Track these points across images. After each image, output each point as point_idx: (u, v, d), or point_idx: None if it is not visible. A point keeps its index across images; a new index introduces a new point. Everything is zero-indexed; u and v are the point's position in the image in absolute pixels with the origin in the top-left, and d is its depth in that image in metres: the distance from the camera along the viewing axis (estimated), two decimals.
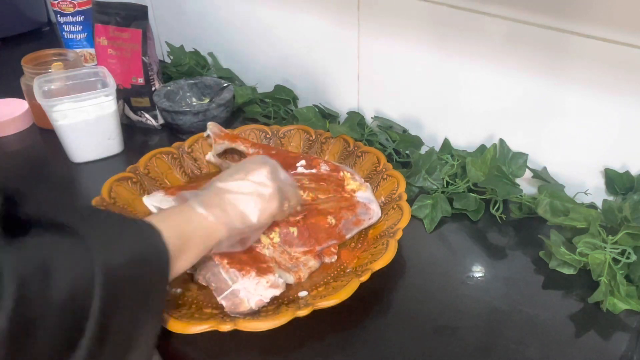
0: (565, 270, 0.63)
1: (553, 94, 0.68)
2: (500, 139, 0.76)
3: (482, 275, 0.64)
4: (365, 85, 0.89)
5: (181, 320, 0.52)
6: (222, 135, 0.81)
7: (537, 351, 0.54)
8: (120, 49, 0.92)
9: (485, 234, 0.71)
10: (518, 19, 0.66)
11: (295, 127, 0.86)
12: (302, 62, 0.96)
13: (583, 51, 0.63)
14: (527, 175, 0.75)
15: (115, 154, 0.90)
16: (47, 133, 0.93)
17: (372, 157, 0.77)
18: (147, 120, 0.97)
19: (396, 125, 0.87)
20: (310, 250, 0.63)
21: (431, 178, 0.77)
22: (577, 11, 0.61)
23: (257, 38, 1.01)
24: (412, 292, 0.62)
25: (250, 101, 1.00)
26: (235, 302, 0.54)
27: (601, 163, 0.69)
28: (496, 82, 0.72)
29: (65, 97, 0.82)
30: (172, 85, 0.97)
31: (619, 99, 0.63)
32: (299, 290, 0.59)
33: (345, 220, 0.66)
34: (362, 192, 0.70)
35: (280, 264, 0.60)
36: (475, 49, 0.72)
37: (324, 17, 0.87)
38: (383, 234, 0.65)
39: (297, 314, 0.52)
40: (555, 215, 0.67)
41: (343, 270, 0.62)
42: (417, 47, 0.78)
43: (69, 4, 1.06)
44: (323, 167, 0.74)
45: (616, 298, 0.58)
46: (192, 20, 1.12)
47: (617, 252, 0.60)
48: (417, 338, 0.56)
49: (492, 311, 0.59)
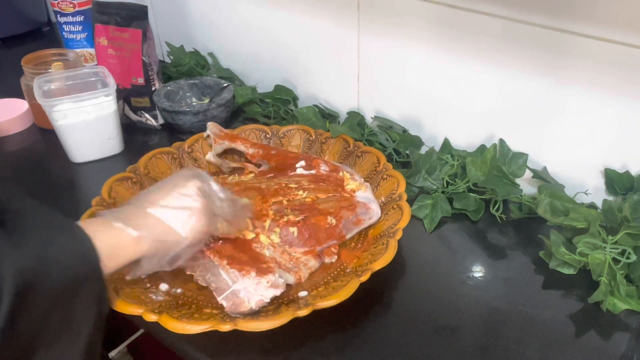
0: (565, 270, 0.63)
1: (553, 94, 0.68)
2: (500, 139, 0.76)
3: (482, 275, 0.64)
4: (365, 85, 0.89)
5: (181, 320, 0.52)
6: (222, 136, 0.81)
7: (537, 351, 0.54)
8: (120, 49, 0.92)
9: (485, 234, 0.71)
10: (518, 19, 0.66)
11: (295, 127, 0.86)
12: (302, 62, 0.96)
13: (583, 51, 0.63)
14: (527, 175, 0.75)
15: (115, 154, 0.90)
16: (47, 133, 0.93)
17: (372, 157, 0.77)
18: (147, 120, 0.97)
19: (396, 125, 0.87)
20: (310, 250, 0.63)
21: (431, 178, 0.77)
22: (577, 11, 0.61)
23: (257, 38, 1.01)
24: (412, 292, 0.62)
25: (250, 101, 1.00)
26: (236, 302, 0.54)
27: (601, 163, 0.69)
28: (496, 82, 0.72)
29: (65, 97, 0.82)
30: (172, 85, 0.97)
31: (619, 99, 0.63)
32: (299, 290, 0.59)
33: (346, 220, 0.66)
34: (362, 192, 0.70)
35: (280, 264, 0.60)
36: (475, 49, 0.72)
37: (324, 17, 0.87)
38: (383, 234, 0.65)
39: (297, 314, 0.52)
40: (555, 215, 0.67)
41: (343, 270, 0.62)
42: (417, 47, 0.78)
43: (69, 4, 1.06)
44: (323, 167, 0.74)
45: (616, 298, 0.58)
46: (192, 20, 1.12)
47: (617, 252, 0.60)
48: (417, 338, 0.56)
49: (492, 311, 0.59)
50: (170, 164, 0.79)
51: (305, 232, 0.63)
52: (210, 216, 0.54)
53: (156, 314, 0.52)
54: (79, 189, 0.85)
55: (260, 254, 0.60)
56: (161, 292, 0.59)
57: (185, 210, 0.51)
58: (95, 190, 0.69)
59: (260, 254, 0.60)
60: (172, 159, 0.79)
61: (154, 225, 0.49)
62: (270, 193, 0.68)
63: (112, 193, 0.69)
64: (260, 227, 0.63)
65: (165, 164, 0.78)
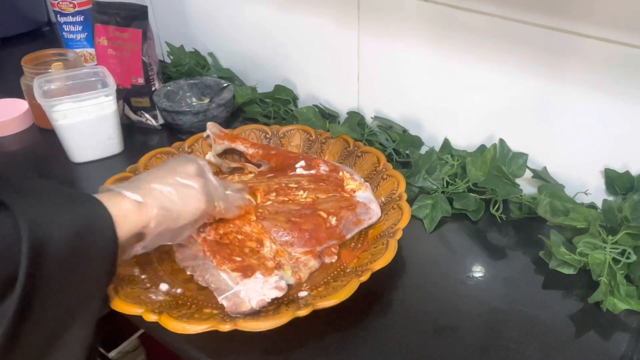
0: (565, 270, 0.63)
1: (553, 94, 0.68)
2: (500, 139, 0.76)
3: (482, 275, 0.64)
4: (365, 85, 0.89)
5: (181, 320, 0.52)
6: (221, 136, 0.81)
7: (537, 351, 0.54)
8: (120, 49, 0.92)
9: (485, 234, 0.71)
10: (518, 19, 0.66)
11: (295, 127, 0.86)
12: (302, 62, 0.96)
13: (583, 51, 0.63)
14: (527, 175, 0.75)
15: (115, 154, 0.90)
16: (47, 133, 0.93)
17: (372, 157, 0.77)
18: (147, 120, 0.97)
19: (396, 125, 0.87)
20: (310, 250, 0.63)
21: (431, 178, 0.77)
22: (577, 11, 0.61)
23: (257, 38, 1.01)
24: (412, 292, 0.62)
25: (250, 101, 1.00)
26: (236, 302, 0.54)
27: (601, 163, 0.69)
28: (496, 82, 0.72)
29: (65, 97, 0.82)
30: (172, 85, 0.97)
31: (619, 99, 0.63)
32: (299, 290, 0.59)
33: (346, 221, 0.66)
34: (361, 192, 0.70)
35: (280, 264, 0.60)
36: (475, 49, 0.72)
37: (324, 17, 0.87)
38: (383, 233, 0.65)
39: (297, 314, 0.52)
40: (555, 215, 0.67)
41: (343, 270, 0.62)
42: (417, 47, 0.78)
43: (69, 4, 1.06)
44: (322, 167, 0.74)
45: (616, 298, 0.58)
46: (192, 20, 1.12)
47: (617, 252, 0.60)
48: (417, 338, 0.56)
49: (492, 311, 0.59)
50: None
51: (305, 232, 0.63)
52: (208, 195, 0.56)
53: (156, 314, 0.52)
54: (79, 189, 0.85)
55: (260, 253, 0.60)
56: (161, 292, 0.59)
57: (185, 187, 0.54)
58: (95, 190, 0.69)
59: (261, 254, 0.60)
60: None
61: (159, 195, 0.52)
62: (270, 193, 0.68)
63: None
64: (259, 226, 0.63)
65: None
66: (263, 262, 0.59)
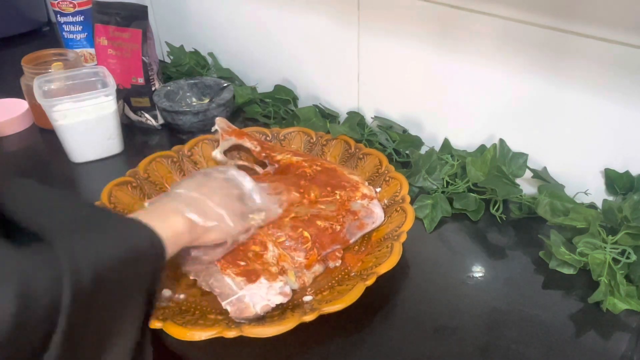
0: (565, 270, 0.63)
1: (553, 94, 0.68)
2: (500, 139, 0.76)
3: (482, 275, 0.64)
4: (365, 85, 0.89)
5: (185, 327, 0.51)
6: (229, 132, 0.80)
7: (537, 351, 0.54)
8: (120, 49, 0.92)
9: (485, 234, 0.71)
10: (518, 18, 0.66)
11: (296, 129, 0.86)
12: (302, 62, 0.96)
13: (583, 51, 0.63)
14: (527, 175, 0.75)
15: (115, 154, 0.90)
16: (47, 133, 0.93)
17: (374, 159, 0.77)
18: (147, 120, 0.97)
19: (396, 125, 0.87)
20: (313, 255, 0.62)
21: (431, 178, 0.77)
22: (577, 11, 0.61)
23: (257, 38, 1.01)
24: (412, 292, 0.62)
25: (250, 101, 1.00)
26: (241, 307, 0.54)
27: (601, 163, 0.69)
28: (496, 82, 0.72)
29: (65, 97, 0.82)
30: (172, 85, 0.97)
31: (619, 99, 0.63)
32: (303, 295, 0.59)
33: (349, 225, 0.66)
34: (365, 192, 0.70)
35: (284, 270, 0.60)
36: (475, 49, 0.72)
37: (324, 17, 0.87)
38: (387, 236, 0.65)
39: (303, 319, 0.51)
40: (555, 215, 0.67)
41: (347, 274, 0.62)
42: (417, 47, 0.78)
43: (69, 4, 1.06)
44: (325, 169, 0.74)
45: (616, 298, 0.58)
46: (192, 20, 1.12)
47: (617, 252, 0.60)
48: (416, 338, 0.56)
49: (492, 311, 0.59)
50: (170, 168, 0.78)
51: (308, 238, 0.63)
52: (243, 217, 0.59)
53: (160, 321, 0.51)
54: (79, 189, 0.85)
55: (265, 259, 0.59)
56: (164, 299, 0.58)
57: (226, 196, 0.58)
58: (96, 191, 0.69)
59: (265, 259, 0.59)
60: (172, 163, 0.78)
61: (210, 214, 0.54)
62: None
63: (112, 198, 0.68)
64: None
65: (165, 168, 0.77)
66: (267, 268, 0.58)
